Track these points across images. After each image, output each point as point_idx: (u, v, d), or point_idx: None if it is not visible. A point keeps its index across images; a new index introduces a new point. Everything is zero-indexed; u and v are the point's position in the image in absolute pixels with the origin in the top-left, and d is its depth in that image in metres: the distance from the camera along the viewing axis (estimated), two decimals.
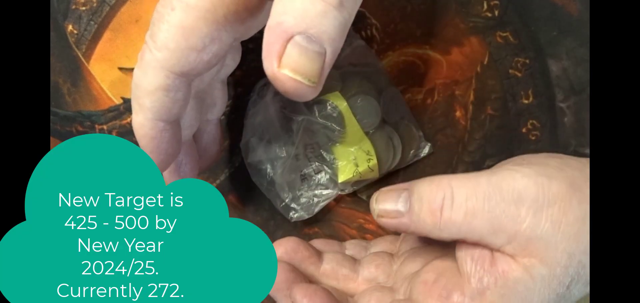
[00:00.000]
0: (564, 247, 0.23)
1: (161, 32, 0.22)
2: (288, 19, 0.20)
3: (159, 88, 0.23)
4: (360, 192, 0.35)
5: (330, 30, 0.20)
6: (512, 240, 0.23)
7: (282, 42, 0.20)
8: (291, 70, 0.20)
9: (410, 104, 0.35)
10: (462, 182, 0.24)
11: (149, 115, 0.24)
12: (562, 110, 0.35)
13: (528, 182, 0.23)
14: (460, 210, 0.24)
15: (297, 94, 0.20)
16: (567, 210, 0.23)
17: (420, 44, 0.36)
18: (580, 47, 0.35)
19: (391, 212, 0.26)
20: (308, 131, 0.33)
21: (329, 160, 0.33)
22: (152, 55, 0.22)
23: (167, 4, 0.22)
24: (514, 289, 0.23)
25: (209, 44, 0.23)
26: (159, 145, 0.25)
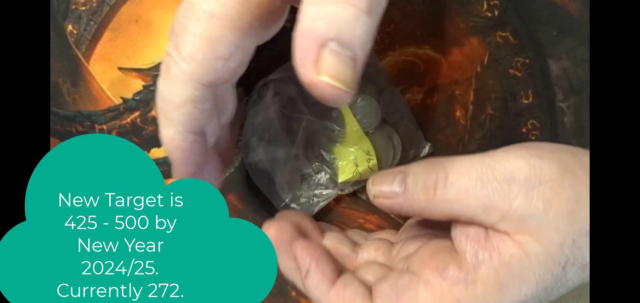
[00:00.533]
0: (556, 226, 0.23)
1: (187, 44, 0.22)
2: (320, 25, 0.19)
3: (187, 100, 0.23)
4: (360, 192, 0.35)
5: (362, 35, 0.20)
6: (505, 218, 0.24)
7: (316, 49, 0.20)
8: (329, 76, 0.20)
9: (410, 104, 0.35)
10: (456, 163, 0.25)
11: (179, 128, 0.23)
12: (562, 110, 0.35)
13: (520, 163, 0.24)
14: (453, 188, 0.24)
15: (335, 100, 0.20)
16: (559, 191, 0.24)
17: (421, 44, 0.36)
18: (580, 47, 0.35)
19: (387, 193, 0.27)
20: (308, 131, 0.33)
21: (329, 160, 0.33)
22: (179, 67, 0.22)
23: (190, 14, 0.22)
24: (509, 264, 0.24)
25: (235, 52, 0.22)
26: (190, 157, 0.24)
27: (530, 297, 0.24)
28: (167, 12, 0.36)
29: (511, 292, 0.24)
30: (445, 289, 0.24)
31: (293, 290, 0.34)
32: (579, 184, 0.24)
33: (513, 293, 0.24)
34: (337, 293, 0.26)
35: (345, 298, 0.26)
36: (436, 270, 0.25)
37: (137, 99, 0.36)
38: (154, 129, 0.35)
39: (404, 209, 0.26)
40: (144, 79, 0.36)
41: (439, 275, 0.25)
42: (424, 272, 0.25)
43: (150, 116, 0.35)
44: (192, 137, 0.24)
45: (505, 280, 0.24)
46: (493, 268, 0.24)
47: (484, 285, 0.24)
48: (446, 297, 0.24)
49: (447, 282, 0.24)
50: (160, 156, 0.35)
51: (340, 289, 0.26)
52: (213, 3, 0.21)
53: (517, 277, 0.24)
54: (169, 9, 0.36)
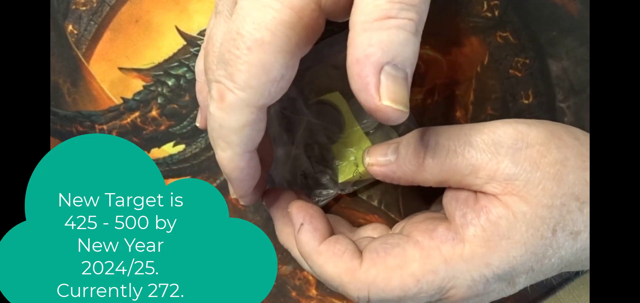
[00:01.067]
0: (543, 186, 0.24)
1: (242, 73, 0.23)
2: (376, 51, 0.21)
3: (246, 124, 0.24)
4: (360, 192, 0.35)
5: (411, 55, 0.22)
6: (492, 179, 0.25)
7: (376, 74, 0.21)
8: (391, 101, 0.21)
9: (411, 104, 0.35)
10: (445, 129, 0.27)
11: (238, 150, 0.25)
12: (562, 110, 0.35)
13: (508, 128, 0.25)
14: (442, 150, 0.26)
15: (396, 121, 0.22)
16: (546, 153, 0.25)
17: (421, 44, 0.36)
18: (580, 47, 0.35)
19: (381, 161, 0.28)
20: (308, 131, 0.33)
21: (329, 161, 0.33)
22: (236, 95, 0.23)
23: (241, 45, 0.23)
24: (496, 224, 0.24)
25: (286, 73, 0.23)
26: (249, 173, 0.26)
27: (519, 258, 0.24)
28: (167, 12, 0.36)
29: (499, 251, 0.24)
30: (433, 248, 0.25)
31: (293, 290, 0.34)
32: (565, 147, 0.25)
33: (501, 253, 0.24)
34: (328, 247, 0.27)
35: (335, 251, 0.26)
36: (425, 231, 0.26)
37: (137, 99, 0.36)
38: (154, 129, 0.35)
39: (397, 175, 0.28)
40: (144, 79, 0.36)
41: (427, 236, 0.26)
42: (413, 233, 0.26)
43: (150, 116, 0.35)
44: (249, 156, 0.25)
45: (492, 240, 0.24)
46: (480, 228, 0.25)
47: (471, 244, 0.25)
48: (434, 255, 0.25)
49: (436, 241, 0.25)
50: (160, 156, 0.35)
51: (331, 244, 0.27)
52: (263, 31, 0.22)
53: (505, 236, 0.24)
54: (169, 9, 0.36)
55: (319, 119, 0.33)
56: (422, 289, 0.25)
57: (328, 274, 0.26)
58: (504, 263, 0.24)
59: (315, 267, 0.27)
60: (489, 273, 0.25)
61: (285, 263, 0.34)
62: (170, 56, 0.36)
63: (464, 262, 0.25)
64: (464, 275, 0.25)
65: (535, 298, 0.35)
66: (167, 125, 0.35)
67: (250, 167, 0.26)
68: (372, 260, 0.26)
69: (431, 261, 0.25)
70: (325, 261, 0.26)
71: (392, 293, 0.25)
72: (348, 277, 0.26)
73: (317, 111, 0.33)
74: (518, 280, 0.25)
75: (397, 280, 0.25)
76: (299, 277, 0.34)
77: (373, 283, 0.25)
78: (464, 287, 0.25)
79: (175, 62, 0.36)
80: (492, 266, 0.24)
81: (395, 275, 0.25)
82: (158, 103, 0.35)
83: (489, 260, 0.24)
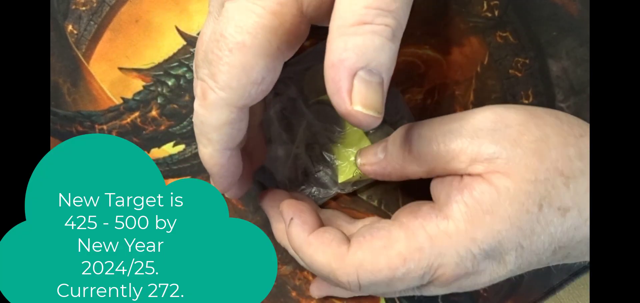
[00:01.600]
0: (525, 163, 0.24)
1: (223, 74, 0.23)
2: (350, 56, 0.21)
3: (225, 123, 0.24)
4: (360, 192, 0.35)
5: (386, 61, 0.22)
6: (474, 161, 0.25)
7: (349, 79, 0.21)
8: (363, 106, 0.21)
9: (410, 104, 0.35)
10: (428, 121, 0.27)
11: (217, 147, 0.25)
12: (562, 110, 0.35)
13: (487, 113, 0.26)
14: (425, 140, 0.27)
15: (367, 126, 0.22)
16: (525, 132, 0.25)
17: (420, 44, 0.36)
18: (580, 47, 0.35)
19: (372, 160, 0.30)
20: (308, 131, 0.33)
21: (329, 160, 0.33)
22: (217, 95, 0.24)
23: (223, 46, 0.23)
24: (479, 199, 0.25)
25: (267, 76, 0.24)
26: (228, 170, 0.27)
27: (505, 233, 0.24)
28: (167, 12, 0.36)
29: (484, 227, 0.25)
30: (417, 226, 0.26)
31: (293, 290, 0.34)
32: (545, 125, 0.25)
33: (486, 228, 0.25)
34: (316, 237, 0.27)
35: (323, 240, 0.27)
36: (410, 212, 0.27)
37: (137, 99, 0.36)
38: (154, 129, 0.35)
39: (387, 171, 0.29)
40: (144, 79, 0.36)
41: (412, 216, 0.26)
42: (399, 216, 0.27)
43: (150, 116, 0.35)
44: (229, 153, 0.26)
45: (476, 215, 0.25)
46: (463, 204, 0.25)
47: (455, 220, 0.25)
48: (419, 233, 0.25)
49: (420, 220, 0.26)
50: (160, 156, 0.35)
51: (320, 234, 0.27)
52: (244, 35, 0.23)
53: (489, 212, 0.25)
54: (168, 9, 0.36)
55: (319, 119, 0.33)
56: (409, 268, 0.25)
57: (318, 263, 0.27)
58: (489, 238, 0.24)
59: (306, 258, 0.27)
60: (475, 249, 0.25)
61: (285, 263, 0.34)
62: (170, 56, 0.36)
63: (449, 237, 0.25)
64: (449, 252, 0.25)
65: (535, 299, 0.35)
66: (167, 125, 0.35)
67: (231, 164, 0.26)
68: (358, 243, 0.26)
69: (416, 239, 0.25)
70: (315, 250, 0.27)
71: (380, 273, 0.25)
72: (337, 262, 0.26)
73: (317, 111, 0.33)
74: (508, 259, 0.25)
75: (384, 260, 0.25)
76: (299, 277, 0.34)
77: (361, 266, 0.26)
78: (452, 264, 0.25)
79: (175, 62, 0.36)
80: (477, 241, 0.25)
81: (382, 255, 0.25)
82: (158, 103, 0.35)
83: (473, 234, 0.25)
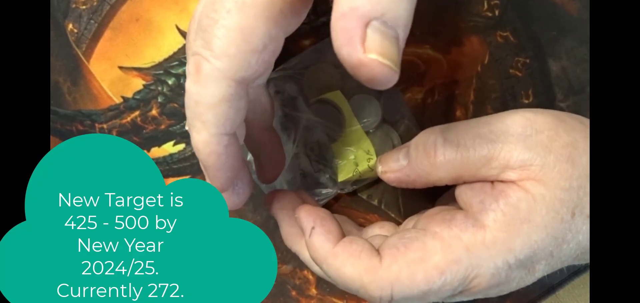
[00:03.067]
0: (558, 169, 0.24)
1: (218, 39, 0.21)
2: (364, 4, 0.18)
3: (222, 100, 0.21)
4: (360, 192, 0.35)
5: (404, 14, 0.19)
6: (507, 168, 0.24)
7: (362, 27, 0.19)
8: (379, 54, 0.19)
9: (411, 103, 0.35)
10: (453, 125, 0.26)
11: (213, 131, 0.22)
12: (561, 110, 0.35)
13: (515, 117, 0.25)
14: (452, 145, 0.25)
15: (383, 80, 0.19)
16: (556, 137, 0.24)
17: (421, 43, 0.36)
18: (580, 47, 0.35)
19: (394, 167, 0.28)
20: (308, 130, 0.33)
21: (329, 160, 0.33)
22: (212, 65, 0.21)
23: (219, 7, 0.20)
24: (516, 207, 0.24)
25: (268, 43, 0.21)
26: (227, 161, 0.23)
27: (540, 242, 0.24)
28: (167, 11, 0.36)
29: (521, 235, 0.24)
30: (454, 237, 0.24)
31: (293, 290, 0.34)
32: (573, 130, 0.25)
33: (523, 237, 0.24)
34: (344, 248, 0.25)
35: (352, 251, 0.25)
36: (443, 221, 0.25)
37: (137, 98, 0.36)
38: (154, 128, 0.35)
39: (411, 178, 0.27)
40: (145, 78, 0.36)
41: (446, 226, 0.25)
42: (430, 225, 0.25)
43: (151, 115, 0.35)
44: (227, 140, 0.23)
45: (513, 224, 0.24)
46: (500, 212, 0.24)
47: (492, 230, 0.24)
48: (455, 244, 0.24)
49: (455, 230, 0.24)
50: (160, 156, 0.35)
51: (347, 244, 0.25)
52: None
53: (526, 220, 0.24)
54: (169, 8, 0.36)
55: (319, 117, 0.33)
56: (446, 281, 0.24)
57: (347, 276, 0.25)
58: (526, 248, 0.24)
59: (331, 271, 0.25)
60: (512, 259, 0.24)
61: (285, 262, 0.34)
62: (170, 55, 0.36)
63: (486, 248, 0.24)
64: (487, 262, 0.24)
65: (535, 298, 0.35)
66: (167, 124, 0.35)
67: (228, 154, 0.23)
68: (392, 256, 0.24)
69: (453, 251, 0.24)
70: (343, 263, 0.25)
71: (417, 288, 0.24)
72: (369, 276, 0.24)
73: (317, 110, 0.33)
74: (538, 267, 0.25)
75: (421, 274, 0.24)
76: (299, 277, 0.35)
77: (397, 280, 0.24)
78: (488, 275, 0.24)
79: (176, 61, 0.36)
80: (514, 251, 0.24)
81: (419, 269, 0.24)
82: (158, 102, 0.35)
83: (511, 244, 0.24)
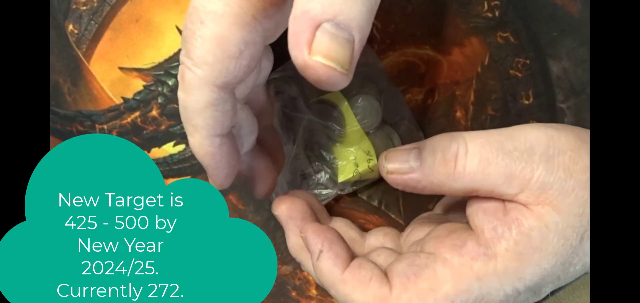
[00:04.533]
0: (576, 194, 0.23)
1: (196, 49, 0.22)
2: (315, 6, 0.19)
3: (207, 105, 0.22)
4: (360, 192, 0.35)
5: (358, 17, 0.19)
6: (525, 188, 0.23)
7: (311, 30, 0.19)
8: (323, 56, 0.19)
9: (411, 104, 0.35)
10: (474, 134, 0.25)
11: (204, 133, 0.23)
12: (562, 111, 0.35)
13: (538, 133, 0.24)
14: (474, 158, 0.24)
15: (329, 81, 0.20)
16: (577, 159, 0.24)
17: (421, 44, 0.36)
18: (580, 48, 0.35)
19: (402, 168, 0.26)
20: (308, 131, 0.33)
21: (329, 160, 0.33)
22: (193, 73, 0.22)
23: (195, 19, 0.22)
24: (528, 236, 0.23)
25: (245, 49, 0.22)
26: (221, 160, 0.24)
27: (549, 269, 0.24)
28: (167, 11, 0.36)
29: (532, 264, 0.23)
30: (464, 265, 0.24)
31: (293, 290, 0.34)
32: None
33: (534, 266, 0.23)
34: (353, 275, 0.25)
35: (361, 278, 0.25)
36: (453, 247, 0.25)
37: (137, 99, 0.36)
38: (154, 128, 0.35)
39: (421, 184, 0.26)
40: (145, 78, 0.36)
41: (457, 253, 0.24)
42: (440, 250, 0.25)
43: (151, 116, 0.35)
44: (219, 141, 0.24)
45: (525, 253, 0.23)
46: (513, 241, 0.24)
47: (504, 259, 0.24)
48: (466, 273, 0.24)
49: (466, 258, 0.24)
50: (161, 156, 0.35)
51: (356, 270, 0.25)
52: (216, 3, 0.21)
53: (537, 249, 0.23)
54: (169, 9, 0.36)
55: (319, 118, 0.33)
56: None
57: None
58: (536, 276, 0.24)
59: (340, 296, 0.25)
60: (521, 287, 0.24)
61: (285, 263, 0.34)
62: (170, 56, 0.36)
63: (497, 277, 0.24)
64: (497, 292, 0.24)
65: None
66: (167, 125, 0.35)
67: (222, 153, 0.24)
68: (402, 285, 0.24)
69: (464, 280, 0.24)
70: (352, 290, 0.25)
71: None
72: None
73: (318, 110, 0.33)
74: (544, 290, 0.25)
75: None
76: (299, 277, 0.34)
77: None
78: (497, 302, 0.24)
79: (176, 62, 0.36)
80: (525, 280, 0.24)
81: (429, 299, 0.24)
82: (158, 103, 0.35)
83: (521, 274, 0.24)
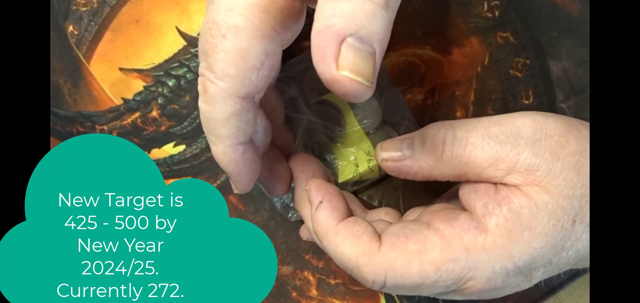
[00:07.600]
0: (564, 176, 0.24)
1: (219, 62, 0.22)
2: (338, 22, 0.20)
3: (231, 116, 0.23)
4: (360, 192, 0.35)
5: (379, 30, 0.20)
6: (513, 171, 0.24)
7: (336, 45, 0.20)
8: (350, 71, 0.20)
9: (411, 104, 0.35)
10: (462, 121, 0.26)
11: (228, 143, 0.24)
12: (562, 111, 0.35)
13: (526, 119, 0.25)
14: (461, 143, 0.25)
15: (356, 95, 0.21)
16: (565, 144, 0.24)
17: (421, 44, 0.36)
18: (580, 48, 0.35)
19: (396, 156, 0.28)
20: (308, 131, 0.33)
21: (329, 160, 0.33)
22: (216, 86, 0.23)
23: (216, 33, 0.22)
24: (518, 213, 0.24)
25: (265, 59, 0.23)
26: (245, 166, 0.25)
27: (540, 250, 0.24)
28: (168, 12, 0.36)
29: (521, 242, 0.24)
30: (455, 236, 0.25)
31: (293, 291, 0.34)
32: (583, 138, 0.25)
33: (523, 244, 0.24)
34: (346, 227, 0.26)
35: (353, 232, 0.26)
36: (446, 219, 0.25)
37: (137, 100, 0.36)
38: (154, 129, 0.35)
39: (413, 170, 0.27)
40: (145, 79, 0.36)
41: (449, 224, 0.25)
42: (433, 221, 0.26)
43: (151, 117, 0.35)
44: (242, 148, 0.25)
45: (515, 230, 0.24)
46: (503, 217, 0.24)
47: (493, 234, 0.24)
48: (455, 243, 0.24)
49: (457, 230, 0.25)
50: (161, 156, 0.35)
51: (350, 224, 0.26)
52: (237, 17, 0.22)
53: (527, 227, 0.24)
54: (169, 10, 0.36)
55: (319, 118, 0.33)
56: (440, 278, 0.24)
57: (344, 255, 0.25)
58: (526, 255, 0.24)
59: (330, 247, 0.26)
60: (510, 265, 0.24)
61: (285, 263, 0.34)
62: (170, 57, 0.36)
63: (486, 252, 0.24)
64: (484, 266, 0.24)
65: (535, 299, 0.35)
66: (167, 126, 0.35)
67: (246, 160, 0.25)
68: (391, 243, 0.25)
69: (452, 250, 0.24)
70: (343, 241, 0.26)
71: (411, 279, 0.25)
72: (365, 259, 0.25)
73: (318, 111, 0.33)
74: (536, 274, 0.25)
75: (417, 266, 0.24)
76: (300, 278, 0.34)
77: (391, 268, 0.25)
78: (484, 279, 0.24)
79: (176, 63, 0.36)
80: (513, 257, 0.24)
81: (415, 261, 0.24)
82: (158, 103, 0.35)
83: (510, 250, 0.24)
